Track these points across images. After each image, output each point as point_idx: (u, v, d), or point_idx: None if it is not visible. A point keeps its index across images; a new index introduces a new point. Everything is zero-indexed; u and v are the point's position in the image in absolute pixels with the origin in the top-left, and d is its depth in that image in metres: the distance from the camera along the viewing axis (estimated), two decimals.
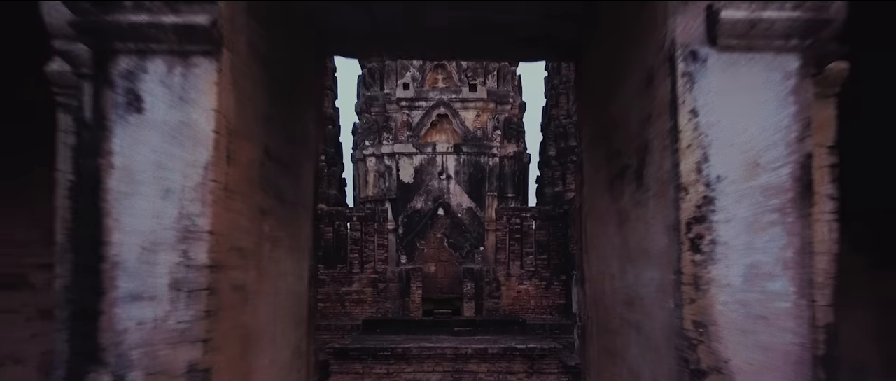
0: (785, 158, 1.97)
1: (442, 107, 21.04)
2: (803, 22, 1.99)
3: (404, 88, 21.21)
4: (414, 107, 21.08)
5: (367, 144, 21.11)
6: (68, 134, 2.48)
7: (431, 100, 21.11)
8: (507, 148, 20.97)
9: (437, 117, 20.97)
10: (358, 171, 21.86)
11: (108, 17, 1.97)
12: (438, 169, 20.70)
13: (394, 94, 21.22)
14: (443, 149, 20.64)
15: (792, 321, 1.93)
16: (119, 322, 1.92)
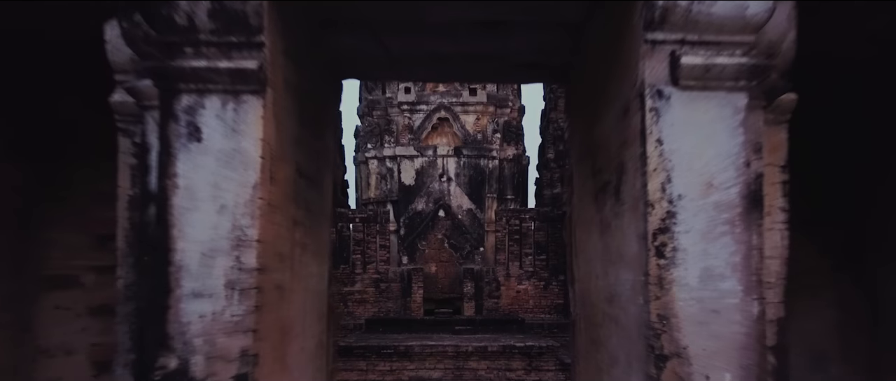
0: (734, 179, 2.38)
1: (442, 110, 21.44)
2: (750, 66, 2.39)
3: (406, 91, 21.65)
4: (415, 110, 21.48)
5: (370, 146, 21.52)
6: (127, 155, 2.88)
7: (432, 103, 21.55)
8: (507, 151, 21.38)
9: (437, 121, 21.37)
10: (360, 173, 22.28)
11: (172, 62, 2.38)
12: (439, 171, 21.11)
13: (395, 97, 21.66)
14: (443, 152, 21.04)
15: (739, 315, 2.33)
16: (183, 316, 2.32)
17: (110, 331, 3.64)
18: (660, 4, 2.33)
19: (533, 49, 3.44)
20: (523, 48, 3.47)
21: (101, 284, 3.74)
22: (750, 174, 2.42)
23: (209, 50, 2.37)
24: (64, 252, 3.72)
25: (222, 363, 2.31)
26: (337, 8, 2.95)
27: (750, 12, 2.36)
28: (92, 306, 3.74)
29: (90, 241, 3.74)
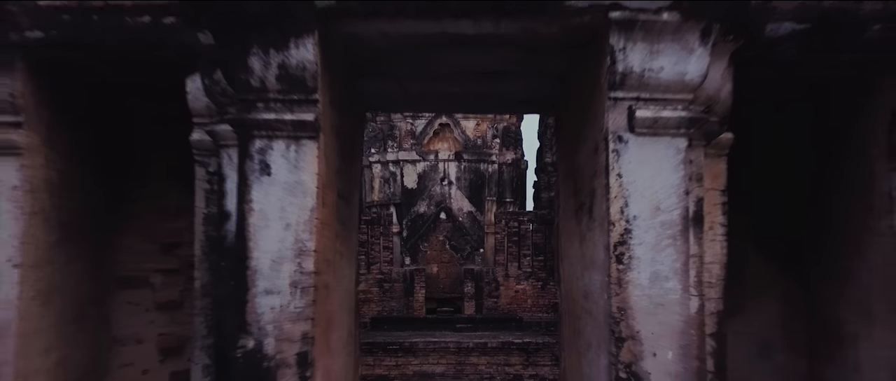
0: (676, 204, 3.12)
1: (443, 116, 22.19)
2: (689, 118, 3.13)
3: None
4: (417, 116, 22.23)
5: (373, 151, 22.28)
6: (203, 181, 3.62)
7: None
8: (506, 155, 22.14)
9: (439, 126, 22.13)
10: (364, 177, 23.06)
11: (248, 115, 3.12)
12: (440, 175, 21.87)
13: None
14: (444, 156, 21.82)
15: (679, 307, 3.08)
16: (258, 308, 3.07)
17: (174, 323, 4.42)
18: (620, 70, 3.08)
19: (526, 91, 4.19)
20: (518, 90, 4.22)
21: (166, 284, 4.48)
22: (689, 200, 3.17)
23: (276, 105, 3.12)
24: (135, 257, 4.46)
25: (288, 343, 3.06)
26: (369, 64, 3.70)
27: (688, 77, 3.10)
28: (159, 302, 4.48)
29: (157, 248, 4.48)
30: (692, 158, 3.25)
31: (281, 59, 3.06)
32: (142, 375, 4.48)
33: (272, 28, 3.05)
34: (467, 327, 15.88)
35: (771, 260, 4.77)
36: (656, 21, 3.02)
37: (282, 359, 3.05)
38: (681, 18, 3.02)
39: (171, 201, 4.47)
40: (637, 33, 3.05)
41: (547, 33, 3.24)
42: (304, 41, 3.05)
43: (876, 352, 3.81)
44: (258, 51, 3.07)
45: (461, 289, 19.63)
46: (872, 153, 3.79)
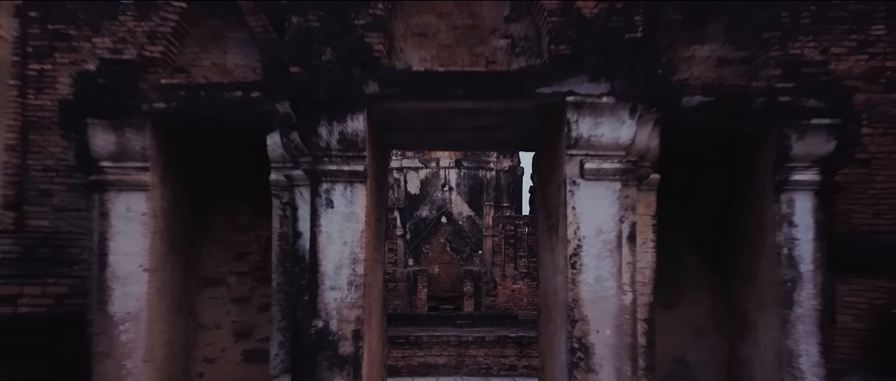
0: (613, 227, 4.51)
1: None
2: (622, 168, 4.53)
3: None
4: None
5: None
6: (278, 209, 5.01)
7: None
8: (503, 162, 23.53)
9: None
10: None
11: (318, 166, 4.52)
12: (441, 182, 23.26)
13: None
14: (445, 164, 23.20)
15: (614, 299, 4.48)
16: (325, 299, 4.46)
17: (244, 313, 5.82)
18: (573, 136, 4.48)
19: (511, 137, 5.60)
20: (505, 137, 5.63)
21: (238, 283, 5.87)
22: (623, 224, 4.57)
23: (337, 160, 4.52)
24: (215, 263, 5.84)
25: (346, 323, 4.46)
26: (397, 124, 5.10)
27: (621, 140, 4.51)
28: (233, 297, 5.87)
29: (231, 255, 5.87)
30: (627, 194, 4.65)
31: (340, 129, 4.46)
32: (220, 352, 5.87)
33: (335, 107, 4.46)
34: (467, 323, 17.23)
35: (703, 263, 6.15)
36: (598, 102, 4.43)
37: (342, 334, 4.46)
38: (615, 101, 4.43)
39: (241, 219, 5.87)
40: (585, 110, 4.46)
41: (524, 108, 4.65)
42: (356, 116, 4.46)
43: (768, 333, 5.21)
44: (324, 122, 4.48)
45: (461, 288, 20.96)
46: (763, 188, 5.19)
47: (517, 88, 4.46)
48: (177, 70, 5.17)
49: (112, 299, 4.88)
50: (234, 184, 5.85)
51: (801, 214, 4.97)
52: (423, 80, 4.49)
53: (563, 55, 4.46)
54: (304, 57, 4.59)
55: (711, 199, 6.08)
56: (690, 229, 6.16)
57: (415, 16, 4.77)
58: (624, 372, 4.53)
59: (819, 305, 4.93)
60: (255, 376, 5.84)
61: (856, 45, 6.13)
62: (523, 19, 4.79)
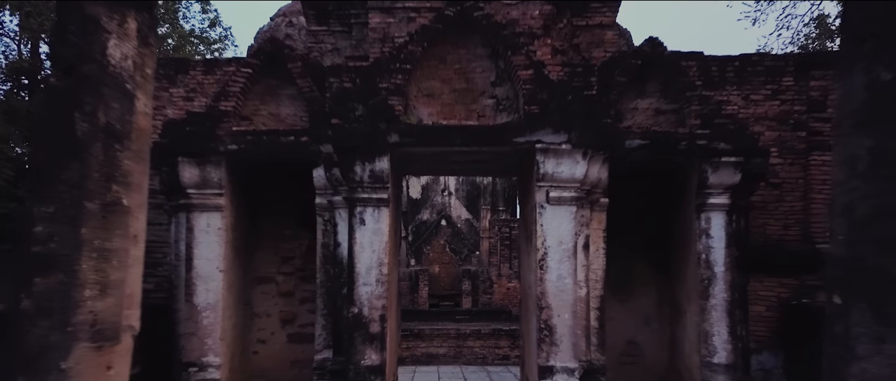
0: (571, 239, 6.14)
1: None
2: (578, 196, 6.15)
3: None
4: None
5: None
6: (321, 225, 6.63)
7: None
8: None
9: None
10: None
11: (354, 194, 6.14)
12: (441, 187, 24.87)
13: None
14: None
15: (571, 293, 6.11)
16: (359, 293, 6.09)
17: (289, 305, 7.43)
18: (541, 172, 6.10)
19: (498, 167, 7.24)
20: (494, 166, 7.27)
21: (285, 281, 7.49)
22: (579, 237, 6.20)
23: (367, 190, 6.14)
24: (265, 265, 7.46)
25: (375, 310, 6.08)
26: (410, 159, 6.73)
27: (576, 175, 6.13)
28: (281, 292, 7.49)
29: (279, 259, 7.48)
30: (582, 214, 6.28)
31: (371, 167, 6.08)
32: (270, 335, 7.49)
33: (366, 151, 6.08)
34: (465, 318, 18.83)
35: (650, 265, 7.78)
36: (559, 148, 6.05)
37: (371, 318, 6.08)
38: (571, 147, 6.05)
39: (287, 231, 7.49)
40: (550, 153, 6.08)
41: (506, 151, 6.28)
42: (382, 158, 6.07)
43: (692, 319, 6.83)
44: (359, 162, 6.10)
45: (459, 286, 22.57)
46: (689, 207, 6.82)
47: (500, 137, 6.09)
48: (242, 118, 6.78)
49: (197, 293, 6.50)
50: (281, 203, 7.47)
51: (715, 228, 6.60)
52: (431, 131, 6.12)
53: (534, 113, 6.08)
54: (342, 111, 6.21)
55: (657, 214, 7.70)
56: (641, 238, 7.78)
57: (424, 81, 6.39)
58: (579, 346, 6.16)
59: (728, 297, 6.56)
60: (296, 353, 7.46)
61: (770, 93, 7.80)
62: (505, 84, 6.41)
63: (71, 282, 3.36)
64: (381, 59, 6.39)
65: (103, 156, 3.52)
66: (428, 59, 6.39)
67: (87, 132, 3.47)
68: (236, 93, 6.69)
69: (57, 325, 3.33)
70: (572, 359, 6.08)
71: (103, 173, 3.48)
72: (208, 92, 7.51)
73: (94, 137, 3.48)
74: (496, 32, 6.29)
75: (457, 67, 6.43)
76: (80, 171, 3.41)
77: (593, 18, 7.25)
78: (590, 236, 6.45)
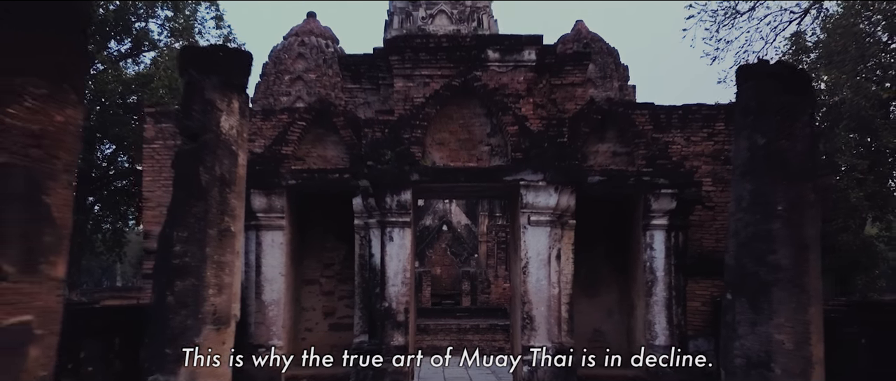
0: (546, 252, 8.27)
1: None
2: (550, 219, 8.28)
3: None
4: None
5: None
6: (358, 240, 8.75)
7: None
8: None
9: None
10: None
11: (385, 218, 8.27)
12: None
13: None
14: None
15: (546, 291, 8.24)
16: (389, 291, 8.22)
17: (330, 301, 9.59)
18: (524, 202, 8.23)
19: (494, 195, 9.36)
20: (490, 194, 9.39)
21: (327, 282, 9.60)
22: (553, 250, 8.32)
23: (395, 215, 8.26)
24: (311, 270, 9.57)
25: (400, 304, 8.21)
26: (424, 189, 8.86)
27: (550, 204, 8.25)
28: (323, 291, 9.60)
29: (321, 265, 9.59)
30: (556, 232, 8.39)
31: (397, 199, 8.20)
32: (315, 325, 9.60)
33: (394, 186, 8.20)
34: (465, 315, 20.92)
35: (613, 269, 9.89)
36: (537, 184, 8.17)
37: (398, 310, 8.19)
38: (546, 183, 8.18)
39: (328, 243, 9.60)
40: (530, 188, 8.20)
41: (498, 186, 8.40)
42: (406, 192, 8.19)
43: (641, 312, 8.95)
44: (389, 194, 8.21)
45: (460, 286, 24.65)
46: (638, 226, 8.93)
47: (493, 176, 8.21)
48: (297, 159, 8.88)
49: (264, 292, 8.61)
50: (324, 221, 9.58)
51: (657, 243, 8.72)
52: (442, 172, 8.24)
53: (518, 158, 8.20)
54: (375, 156, 8.32)
55: (618, 229, 9.82)
56: (606, 248, 9.88)
57: (436, 133, 8.51)
58: (552, 331, 8.28)
59: (666, 295, 8.68)
60: (335, 339, 9.56)
61: (706, 135, 9.93)
62: (497, 135, 8.52)
63: (199, 284, 5.48)
64: (404, 115, 8.51)
65: (218, 197, 5.64)
66: (439, 117, 8.52)
67: (208, 181, 5.60)
68: (294, 140, 8.80)
69: (191, 313, 5.45)
70: (547, 341, 8.21)
71: (218, 209, 5.60)
72: (267, 135, 9.61)
73: (212, 185, 5.62)
74: (490, 97, 8.42)
75: (461, 123, 8.55)
76: (204, 208, 5.53)
77: (567, 79, 9.38)
78: (561, 248, 8.56)
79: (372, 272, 8.49)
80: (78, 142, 3.61)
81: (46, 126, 3.29)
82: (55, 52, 3.43)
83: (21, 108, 3.18)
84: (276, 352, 8.56)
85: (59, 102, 3.38)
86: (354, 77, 9.34)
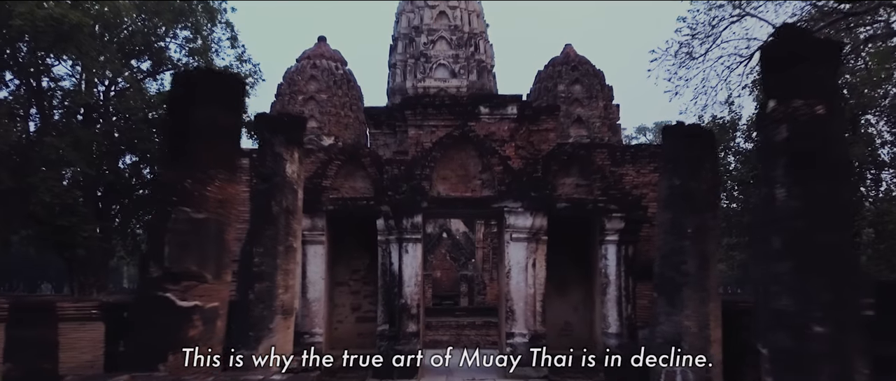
0: (524, 261, 10.93)
1: None
2: (527, 237, 10.94)
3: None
4: None
5: None
6: (380, 251, 11.40)
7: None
8: None
9: None
10: None
11: (402, 236, 10.94)
12: None
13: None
14: None
15: (524, 291, 10.90)
16: (405, 291, 10.88)
17: (356, 299, 12.31)
18: (506, 223, 10.90)
19: (486, 215, 12.04)
20: (483, 216, 12.06)
21: (354, 283, 12.24)
22: (529, 260, 10.98)
23: (409, 233, 10.93)
24: (341, 274, 12.20)
25: (413, 300, 10.88)
26: (432, 215, 11.53)
27: (527, 225, 10.92)
28: (351, 291, 12.23)
29: (350, 270, 12.22)
30: (532, 246, 11.05)
31: (411, 221, 10.86)
32: (344, 318, 12.22)
33: (409, 212, 10.86)
34: (463, 313, 23.52)
35: (579, 273, 12.54)
36: (517, 210, 10.85)
37: (411, 305, 10.85)
38: (523, 209, 10.85)
39: (355, 253, 12.25)
40: (512, 213, 10.88)
41: (488, 211, 11.07)
42: (418, 216, 10.87)
43: (598, 307, 11.59)
44: (405, 218, 10.88)
45: (458, 288, 27.21)
46: (596, 240, 11.58)
47: (483, 204, 10.87)
48: (333, 189, 11.52)
49: (309, 292, 11.25)
50: (352, 235, 12.21)
51: (610, 254, 11.37)
52: (445, 200, 10.89)
53: (502, 190, 10.85)
54: (394, 188, 10.96)
55: (582, 242, 12.47)
56: (574, 256, 12.52)
57: (441, 170, 11.15)
58: (528, 322, 10.92)
59: (617, 294, 11.33)
60: (361, 329, 12.19)
61: (653, 168, 12.59)
62: (487, 172, 11.17)
63: (272, 286, 8.09)
64: (415, 156, 11.17)
65: (284, 223, 8.28)
66: (443, 157, 11.17)
67: (277, 212, 8.22)
68: (331, 175, 11.44)
69: (266, 307, 8.08)
70: (524, 329, 10.86)
71: (285, 232, 8.22)
72: (308, 169, 12.21)
73: (280, 214, 8.25)
74: (482, 143, 11.08)
75: (459, 162, 11.20)
76: (275, 231, 8.13)
77: (541, 126, 12.05)
78: (536, 259, 11.20)
79: (392, 277, 11.13)
80: (238, 204, 6.28)
81: (225, 196, 6.00)
82: (229, 154, 6.15)
83: (213, 186, 5.89)
84: (318, 337, 11.20)
85: (231, 182, 6.08)
86: (376, 124, 12.01)
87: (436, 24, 30.23)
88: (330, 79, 29.85)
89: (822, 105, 5.89)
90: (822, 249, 5.68)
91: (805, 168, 5.81)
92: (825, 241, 5.68)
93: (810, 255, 5.68)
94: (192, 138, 5.90)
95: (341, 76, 30.33)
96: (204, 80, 6.20)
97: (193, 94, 6.05)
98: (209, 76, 6.38)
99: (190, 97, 6.05)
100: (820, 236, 5.69)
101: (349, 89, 29.70)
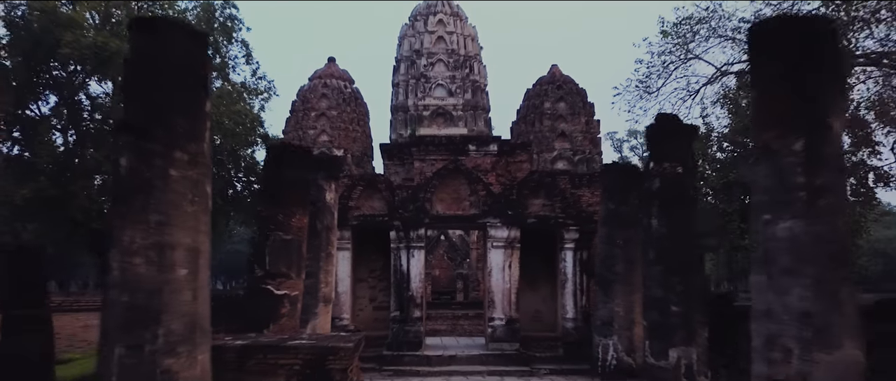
0: (502, 264, 14.45)
1: None
2: (504, 246, 14.45)
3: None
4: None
5: None
6: (393, 256, 14.91)
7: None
8: None
9: None
10: None
11: (410, 245, 14.45)
12: None
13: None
14: None
15: (502, 286, 14.44)
16: (412, 285, 14.40)
17: (373, 292, 15.87)
18: (489, 235, 14.42)
19: (475, 228, 15.57)
20: (473, 228, 15.59)
21: (372, 280, 15.74)
22: (506, 262, 14.50)
23: (415, 242, 14.44)
24: (361, 272, 15.68)
25: (418, 293, 14.40)
26: (432, 226, 15.06)
27: (504, 236, 14.45)
28: (369, 286, 15.73)
29: (368, 269, 15.69)
30: (508, 252, 14.56)
31: (416, 233, 14.38)
32: (364, 307, 15.70)
33: (415, 226, 14.38)
34: (459, 307, 27.00)
35: (547, 272, 16.03)
36: (496, 225, 14.38)
37: (417, 296, 14.37)
38: (501, 224, 14.37)
39: (373, 256, 15.75)
40: (492, 227, 14.40)
41: (475, 225, 14.59)
42: (422, 229, 14.38)
43: (560, 299, 15.10)
44: (412, 230, 14.40)
45: (454, 285, 30.71)
46: (558, 246, 15.08)
47: (471, 220, 14.37)
48: (356, 208, 15.00)
49: (339, 286, 14.74)
50: (370, 242, 15.69)
51: (568, 258, 14.88)
52: (442, 217, 14.39)
53: (485, 209, 14.34)
54: (403, 207, 14.45)
55: (549, 248, 15.95)
56: (543, 259, 16.00)
57: (439, 194, 14.63)
58: (505, 309, 14.43)
59: (573, 289, 14.84)
60: (377, 315, 15.67)
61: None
62: (474, 195, 14.66)
63: (317, 281, 11.69)
64: (420, 183, 14.65)
65: (325, 236, 11.90)
66: (440, 184, 14.64)
67: (321, 228, 11.84)
68: (355, 197, 14.92)
69: (313, 297, 11.69)
70: (502, 315, 14.36)
71: (325, 241, 11.85)
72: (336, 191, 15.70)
73: (322, 230, 11.88)
74: (470, 173, 14.57)
75: (453, 187, 14.68)
76: (318, 241, 11.72)
77: (517, 158, 15.55)
78: (512, 262, 14.68)
79: (401, 275, 14.61)
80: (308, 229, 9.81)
81: (301, 225, 9.54)
82: (303, 196, 9.70)
83: (295, 219, 9.43)
84: (346, 321, 14.70)
85: (305, 215, 9.63)
86: (389, 156, 15.52)
87: (434, 48, 33.68)
88: (339, 97, 33.44)
89: (681, 166, 9.44)
90: (678, 258, 9.19)
91: (669, 207, 9.34)
92: (680, 253, 9.19)
93: (671, 261, 9.18)
94: (282, 188, 9.40)
95: (350, 94, 33.97)
96: (287, 151, 9.71)
97: (282, 158, 9.54)
98: (289, 149, 9.91)
99: (279, 161, 9.54)
100: (677, 250, 9.21)
101: (357, 106, 33.36)
